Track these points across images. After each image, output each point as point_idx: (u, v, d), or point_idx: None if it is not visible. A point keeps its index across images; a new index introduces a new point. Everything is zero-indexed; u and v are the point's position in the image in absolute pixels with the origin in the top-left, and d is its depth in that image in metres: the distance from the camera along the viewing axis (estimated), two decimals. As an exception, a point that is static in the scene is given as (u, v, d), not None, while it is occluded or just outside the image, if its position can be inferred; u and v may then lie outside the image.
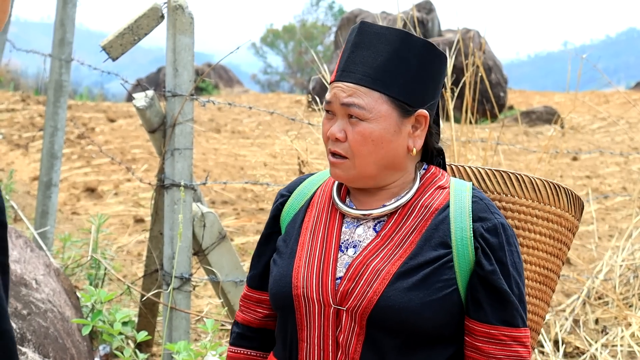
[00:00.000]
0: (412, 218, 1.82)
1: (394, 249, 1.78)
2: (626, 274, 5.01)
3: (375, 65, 1.79)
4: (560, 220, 2.03)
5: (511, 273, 1.78)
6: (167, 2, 3.64)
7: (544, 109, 14.09)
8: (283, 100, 17.67)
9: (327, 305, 1.78)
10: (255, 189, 8.27)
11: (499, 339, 1.76)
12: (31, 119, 11.31)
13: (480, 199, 1.83)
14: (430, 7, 16.10)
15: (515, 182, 2.00)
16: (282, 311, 1.87)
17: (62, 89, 5.14)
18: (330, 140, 1.82)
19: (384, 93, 1.78)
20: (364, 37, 1.82)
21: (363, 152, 1.79)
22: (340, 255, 1.82)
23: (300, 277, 1.82)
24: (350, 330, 1.76)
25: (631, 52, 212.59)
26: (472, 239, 1.77)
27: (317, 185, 1.96)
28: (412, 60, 1.80)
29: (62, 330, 3.23)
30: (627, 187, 9.28)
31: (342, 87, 1.80)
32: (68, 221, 7.10)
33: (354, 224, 1.85)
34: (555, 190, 2.02)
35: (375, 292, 1.74)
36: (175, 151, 3.66)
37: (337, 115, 1.82)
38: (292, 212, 1.94)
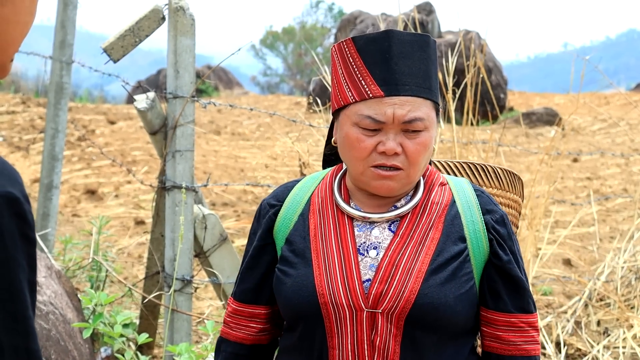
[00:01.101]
0: (425, 215, 1.83)
1: (417, 247, 1.80)
2: (628, 275, 5.01)
3: (421, 74, 1.80)
4: (515, 205, 2.14)
5: (520, 261, 1.85)
6: (168, 4, 3.64)
7: (544, 111, 14.09)
8: (283, 102, 17.67)
9: (358, 309, 1.76)
10: (256, 191, 8.27)
11: (519, 326, 1.82)
12: (31, 121, 11.30)
13: (482, 192, 1.88)
14: (430, 8, 16.10)
15: (482, 173, 2.10)
16: (305, 321, 1.82)
17: (62, 91, 5.14)
18: (377, 155, 1.78)
19: (431, 100, 1.81)
20: (400, 47, 1.79)
21: (420, 161, 1.79)
22: (362, 258, 1.81)
23: (325, 284, 1.79)
24: (387, 332, 1.76)
25: (631, 54, 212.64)
26: (485, 231, 1.82)
27: (310, 191, 1.92)
28: (435, 62, 1.84)
29: (64, 332, 3.23)
30: (628, 188, 9.27)
31: (398, 103, 1.76)
32: (69, 223, 7.09)
33: (366, 226, 1.84)
34: (512, 177, 2.12)
35: (412, 291, 1.75)
36: (177, 153, 3.65)
37: (386, 131, 1.77)
38: (289, 221, 1.90)
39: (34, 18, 1.17)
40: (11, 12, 1.13)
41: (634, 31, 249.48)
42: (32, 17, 1.17)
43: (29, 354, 1.05)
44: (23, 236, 1.05)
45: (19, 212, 1.04)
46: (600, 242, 6.62)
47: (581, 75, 4.65)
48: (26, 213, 1.05)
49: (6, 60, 1.17)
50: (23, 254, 1.04)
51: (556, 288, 5.49)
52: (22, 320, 1.04)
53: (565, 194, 9.01)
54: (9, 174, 1.06)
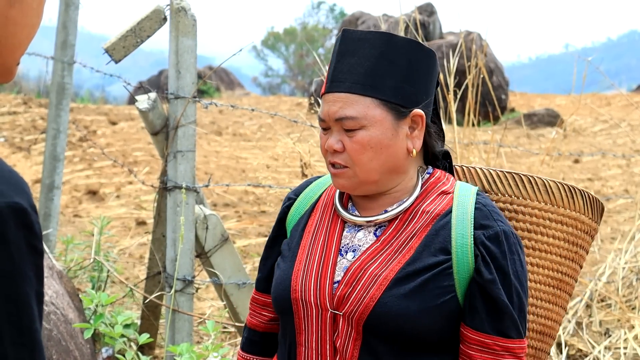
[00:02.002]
0: (413, 224, 1.79)
1: (392, 254, 1.76)
2: (629, 276, 5.01)
3: (362, 71, 1.76)
4: (575, 223, 1.97)
5: (512, 283, 1.74)
6: (169, 5, 3.64)
7: (546, 112, 14.10)
8: (284, 102, 17.68)
9: (324, 309, 1.77)
10: (257, 192, 8.27)
11: (492, 348, 1.72)
12: (33, 121, 11.31)
13: (483, 205, 1.79)
14: (432, 9, 16.11)
15: (527, 185, 1.96)
16: (282, 314, 1.86)
17: (64, 91, 5.14)
18: (329, 153, 1.81)
19: (375, 97, 1.76)
20: (347, 45, 1.79)
21: (363, 159, 1.77)
22: (340, 259, 1.81)
23: (299, 280, 1.81)
24: (347, 335, 1.75)
25: (632, 55, 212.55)
26: (472, 246, 1.73)
27: (323, 189, 1.95)
28: (399, 60, 1.78)
29: (65, 332, 3.23)
30: (629, 189, 9.27)
31: (332, 100, 1.78)
32: (70, 224, 7.10)
33: (355, 228, 1.84)
34: (570, 192, 1.96)
35: (372, 298, 1.72)
36: (178, 153, 3.65)
37: (332, 128, 1.79)
38: (297, 216, 1.93)
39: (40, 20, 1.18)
40: (19, 14, 1.13)
41: (635, 32, 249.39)
42: (39, 20, 1.17)
43: None
44: (30, 247, 1.04)
45: (26, 222, 1.03)
46: (601, 242, 6.61)
47: (583, 76, 4.66)
48: (33, 223, 1.05)
49: (13, 63, 1.17)
50: (30, 265, 1.04)
51: (557, 289, 5.48)
52: (28, 333, 1.04)
53: (567, 195, 8.99)
54: (16, 183, 1.05)
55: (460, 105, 4.80)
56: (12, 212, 1.02)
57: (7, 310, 1.01)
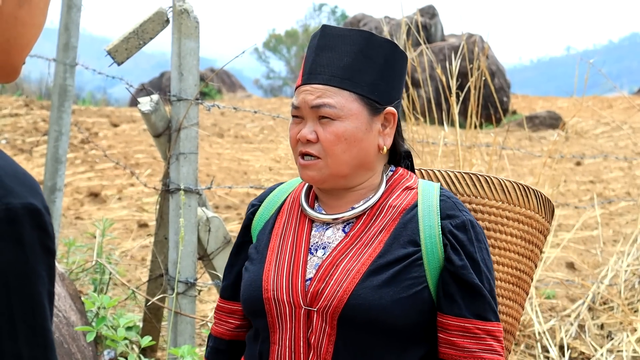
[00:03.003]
0: (380, 218, 1.83)
1: (362, 249, 1.79)
2: (631, 279, 5.00)
3: (341, 65, 1.81)
4: (530, 221, 2.04)
5: (482, 269, 1.78)
6: (172, 7, 3.64)
7: (547, 114, 14.10)
8: (286, 105, 17.68)
9: (297, 306, 1.79)
10: (259, 194, 8.27)
11: (473, 332, 1.75)
12: (35, 123, 11.32)
13: (447, 197, 1.84)
14: (434, 11, 16.11)
15: (484, 184, 2.02)
16: (253, 315, 1.87)
17: (66, 93, 5.14)
18: (300, 143, 1.83)
19: (353, 91, 1.80)
20: (327, 40, 1.84)
21: (336, 150, 1.79)
22: (310, 257, 1.83)
23: (271, 280, 1.82)
24: (322, 330, 1.76)
25: (634, 57, 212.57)
26: (440, 236, 1.78)
27: (287, 193, 1.98)
28: (377, 58, 1.83)
29: (68, 335, 3.23)
30: (631, 192, 9.27)
31: (310, 90, 1.81)
32: (72, 226, 7.10)
33: (323, 227, 1.87)
34: (525, 192, 2.03)
35: (346, 291, 1.74)
36: (181, 155, 3.65)
37: (305, 118, 1.82)
38: (263, 221, 1.96)
39: (45, 20, 1.19)
40: (28, 15, 1.14)
41: (636, 35, 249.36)
42: (45, 19, 1.18)
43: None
44: (44, 248, 1.05)
45: (40, 223, 1.05)
46: (603, 245, 6.61)
47: (584, 78, 4.65)
48: (47, 224, 1.06)
49: (20, 63, 1.18)
50: (44, 265, 1.06)
51: (559, 291, 5.48)
52: (41, 333, 1.05)
53: (569, 198, 9.00)
54: (30, 185, 1.07)
55: (462, 108, 4.80)
56: (27, 213, 1.03)
57: (22, 309, 1.03)
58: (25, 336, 1.03)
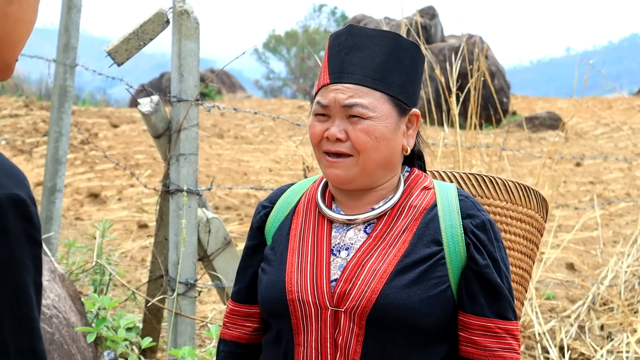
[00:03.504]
0: (402, 218, 1.84)
1: (387, 249, 1.80)
2: (631, 280, 5.00)
3: (373, 65, 1.82)
4: (531, 221, 2.08)
5: (502, 268, 1.81)
6: (172, 8, 3.64)
7: (547, 115, 14.10)
8: (286, 105, 17.68)
9: (323, 307, 1.79)
10: (259, 195, 8.27)
11: (495, 331, 1.78)
12: (34, 124, 11.32)
13: (466, 197, 1.87)
14: (434, 12, 16.11)
15: (489, 184, 2.06)
16: (275, 317, 1.86)
17: (66, 94, 5.14)
18: (326, 141, 1.83)
19: (384, 92, 1.82)
20: (356, 40, 1.84)
21: (367, 148, 1.80)
22: (333, 258, 1.83)
23: (294, 282, 1.82)
24: (349, 331, 1.77)
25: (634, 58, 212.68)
26: (462, 235, 1.80)
27: (301, 194, 1.97)
28: (405, 60, 1.85)
29: (68, 336, 3.23)
30: (631, 192, 9.27)
31: (341, 89, 1.81)
32: (72, 227, 7.10)
33: (343, 228, 1.87)
34: (526, 191, 2.07)
35: (374, 291, 1.75)
36: (181, 156, 3.65)
37: (333, 117, 1.82)
38: (277, 222, 1.95)
39: (37, 16, 1.19)
40: (18, 11, 1.14)
41: (636, 36, 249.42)
42: (36, 15, 1.19)
43: (34, 355, 1.07)
44: (29, 237, 1.07)
45: (25, 213, 1.06)
46: (603, 246, 6.61)
47: (584, 79, 4.65)
48: (32, 215, 1.07)
49: (12, 60, 1.19)
50: (29, 255, 1.06)
51: (560, 292, 5.48)
52: (27, 321, 1.06)
53: (569, 198, 9.00)
54: (16, 176, 1.08)
55: (462, 109, 4.80)
56: (11, 203, 1.04)
57: (7, 298, 1.04)
58: (10, 325, 1.04)
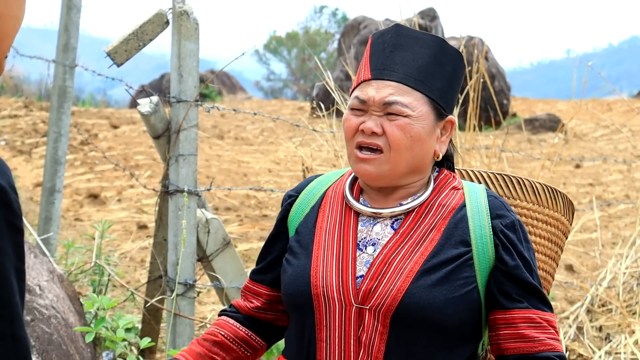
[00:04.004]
0: (430, 216, 1.83)
1: (414, 247, 1.80)
2: (630, 281, 5.00)
3: (416, 66, 1.82)
4: (557, 223, 2.07)
5: (533, 267, 1.82)
6: (172, 8, 3.64)
7: (547, 117, 14.10)
8: (286, 107, 17.69)
9: (348, 304, 1.78)
10: (259, 196, 8.27)
11: (538, 322, 1.79)
12: (34, 125, 11.32)
13: (495, 197, 1.86)
14: (434, 14, 16.11)
15: (517, 186, 2.05)
16: (298, 311, 1.86)
17: (65, 94, 5.14)
18: (360, 134, 1.83)
19: (424, 94, 1.82)
20: (401, 40, 1.85)
21: (401, 146, 1.80)
22: (359, 253, 1.83)
23: (320, 276, 1.82)
24: (374, 329, 1.76)
25: (634, 60, 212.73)
26: (491, 236, 1.80)
27: (327, 186, 1.97)
28: (447, 66, 1.85)
29: (66, 336, 3.23)
30: (630, 194, 9.27)
31: (382, 86, 1.81)
32: (71, 227, 7.10)
33: (370, 222, 1.86)
34: (553, 194, 2.06)
35: (400, 290, 1.75)
36: (180, 157, 3.66)
37: (370, 112, 1.82)
38: (302, 213, 1.95)
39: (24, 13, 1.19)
40: (3, 6, 1.14)
41: (636, 38, 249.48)
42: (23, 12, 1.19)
43: (15, 341, 1.07)
44: (9, 224, 1.07)
45: (5, 200, 1.06)
46: (602, 248, 6.61)
47: (584, 81, 4.65)
48: (12, 202, 1.07)
49: (1, 56, 1.18)
50: (9, 242, 1.06)
51: (558, 293, 5.48)
52: (7, 307, 1.06)
53: (568, 200, 8.98)
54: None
55: (462, 110, 4.80)
56: None
57: None
58: None
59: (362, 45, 15.75)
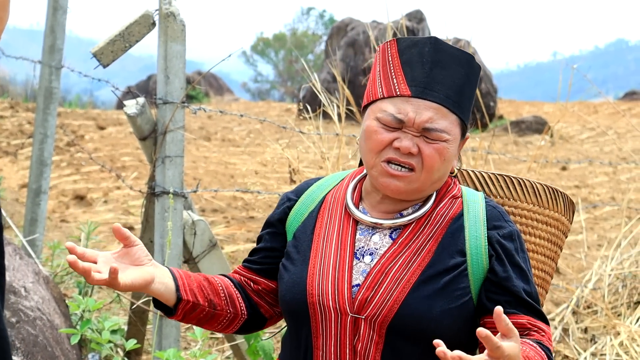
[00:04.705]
0: (429, 227, 1.82)
1: (411, 257, 1.79)
2: (615, 283, 5.02)
3: (454, 87, 1.79)
4: (557, 224, 2.06)
5: (529, 277, 1.81)
6: (158, 9, 3.64)
7: (534, 119, 14.15)
8: (273, 108, 17.68)
9: (344, 313, 1.77)
10: (246, 197, 8.26)
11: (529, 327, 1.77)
12: (20, 126, 11.27)
13: (493, 207, 1.85)
14: (421, 16, 16.13)
15: (517, 187, 2.04)
16: (295, 318, 1.85)
17: (52, 95, 5.12)
18: (392, 150, 1.78)
19: (459, 116, 1.80)
20: (440, 56, 1.80)
21: (434, 168, 1.78)
22: (356, 262, 1.82)
23: (316, 284, 1.81)
24: (369, 338, 1.76)
25: (619, 63, 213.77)
26: (487, 247, 1.79)
27: (327, 190, 1.95)
28: (474, 84, 1.84)
29: (51, 338, 3.21)
30: (616, 196, 9.31)
31: (423, 106, 1.77)
32: (57, 229, 7.07)
33: (368, 231, 1.85)
34: (554, 194, 2.05)
35: (396, 301, 1.74)
36: (166, 159, 3.65)
37: (404, 130, 1.78)
38: (300, 217, 1.93)
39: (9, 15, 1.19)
40: None
41: (622, 41, 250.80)
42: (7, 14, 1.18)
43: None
44: None
45: None
46: (588, 249, 6.64)
47: (570, 84, 4.67)
48: None
49: None
50: None
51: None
52: None
53: (554, 202, 9.02)
54: None
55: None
56: None
57: None
58: None
59: (349, 47, 15.76)
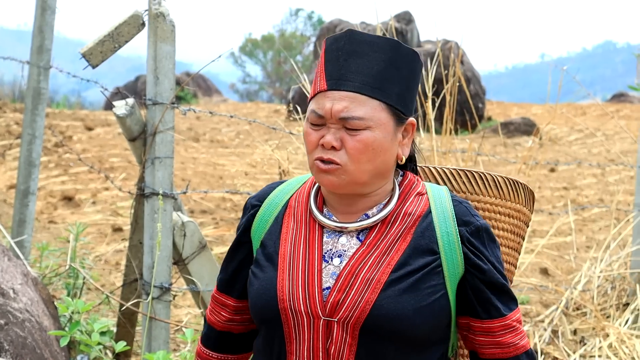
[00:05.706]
0: (396, 226, 1.82)
1: (381, 257, 1.78)
2: (604, 284, 5.04)
3: (372, 73, 1.77)
4: (519, 215, 2.10)
5: (499, 268, 1.84)
6: (148, 10, 3.62)
7: (522, 121, 14.19)
8: (262, 109, 17.66)
9: (316, 317, 1.77)
10: (235, 199, 8.25)
11: (512, 326, 1.83)
12: (8, 126, 11.21)
13: (459, 202, 1.86)
14: (410, 17, 16.16)
15: (479, 181, 2.05)
16: (266, 324, 1.84)
17: (40, 96, 5.10)
18: (320, 148, 1.79)
19: (382, 101, 1.78)
20: (355, 46, 1.79)
21: (362, 159, 1.77)
22: (325, 265, 1.81)
23: (286, 289, 1.80)
24: (342, 341, 1.75)
25: (607, 65, 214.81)
26: (459, 243, 1.80)
27: (290, 194, 1.94)
28: (404, 69, 1.81)
29: (40, 340, 3.20)
30: (604, 198, 9.35)
31: (338, 97, 1.76)
32: (45, 230, 7.04)
33: (335, 233, 1.84)
34: (514, 186, 2.08)
35: (368, 302, 1.74)
36: (156, 160, 3.64)
37: (328, 125, 1.78)
38: (265, 224, 1.91)
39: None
40: None
41: (610, 43, 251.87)
42: None
43: None
44: None
45: None
46: (577, 251, 6.66)
47: (558, 85, 4.69)
48: None
49: None
50: None
51: (533, 297, 5.51)
52: None
53: (543, 204, 9.06)
54: None
55: (438, 114, 4.83)
56: None
57: None
58: None
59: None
